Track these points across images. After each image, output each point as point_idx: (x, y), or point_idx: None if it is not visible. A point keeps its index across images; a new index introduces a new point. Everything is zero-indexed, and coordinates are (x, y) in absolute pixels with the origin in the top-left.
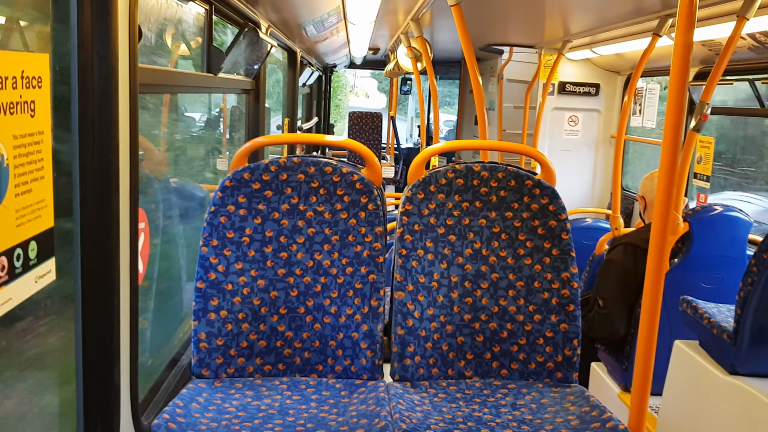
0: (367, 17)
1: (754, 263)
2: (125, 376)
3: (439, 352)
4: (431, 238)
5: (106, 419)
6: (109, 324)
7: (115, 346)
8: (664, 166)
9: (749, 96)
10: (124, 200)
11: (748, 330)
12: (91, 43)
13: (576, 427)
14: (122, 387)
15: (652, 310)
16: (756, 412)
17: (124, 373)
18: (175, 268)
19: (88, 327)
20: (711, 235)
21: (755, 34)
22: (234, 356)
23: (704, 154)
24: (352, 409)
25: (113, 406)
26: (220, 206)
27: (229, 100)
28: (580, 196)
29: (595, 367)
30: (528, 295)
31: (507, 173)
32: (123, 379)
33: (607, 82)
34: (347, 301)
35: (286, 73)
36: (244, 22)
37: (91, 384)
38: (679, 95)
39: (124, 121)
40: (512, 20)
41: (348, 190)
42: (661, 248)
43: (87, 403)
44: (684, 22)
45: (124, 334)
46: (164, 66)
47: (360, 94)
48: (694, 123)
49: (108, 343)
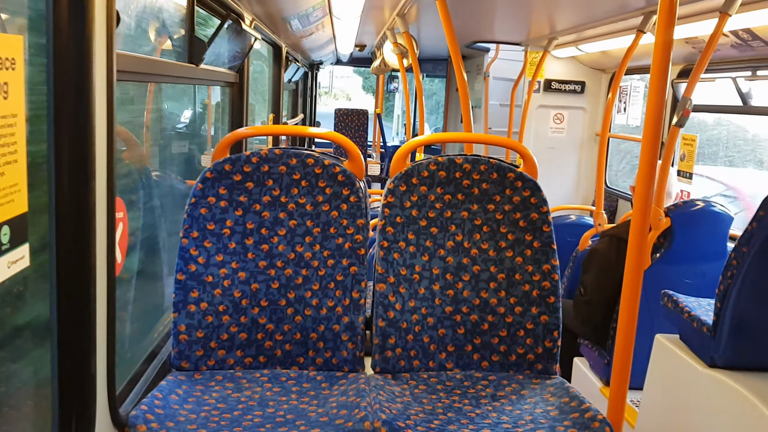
0: (353, 12)
1: (734, 257)
2: (102, 366)
3: (420, 344)
4: (413, 231)
5: (82, 410)
6: (86, 314)
7: (91, 336)
8: (645, 161)
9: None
10: (100, 188)
11: (728, 323)
12: (68, 26)
13: (555, 418)
14: (99, 378)
15: (631, 303)
16: (735, 405)
17: (101, 363)
18: (156, 260)
19: (64, 316)
20: (692, 230)
21: (738, 31)
22: (214, 348)
23: (687, 152)
24: (332, 400)
25: (89, 396)
26: (201, 198)
27: (214, 96)
28: (566, 194)
29: (578, 362)
30: (509, 288)
31: (489, 165)
32: (99, 370)
33: (593, 80)
34: (328, 293)
35: (271, 69)
36: (226, 13)
37: (67, 374)
38: (660, 91)
39: (101, 107)
40: (498, 17)
41: (330, 182)
42: (641, 243)
43: (62, 393)
44: (665, 19)
45: (101, 324)
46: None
47: (340, 96)
48: (677, 118)
49: (84, 334)
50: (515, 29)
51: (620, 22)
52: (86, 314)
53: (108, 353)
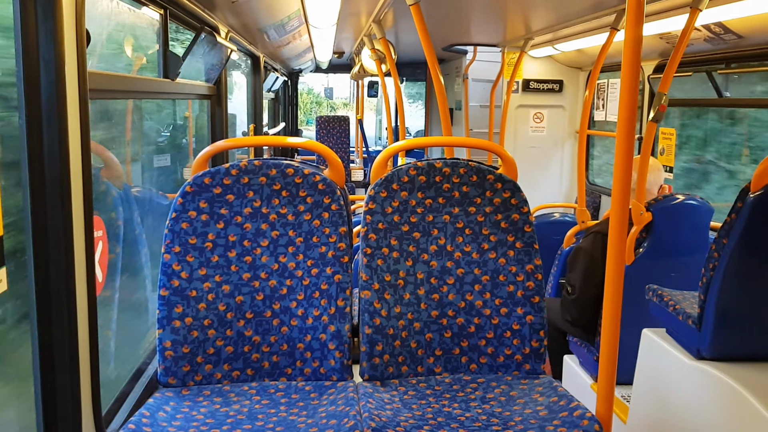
0: (329, 20)
1: (715, 249)
2: (86, 388)
3: (407, 349)
4: (396, 236)
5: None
6: (67, 335)
7: (74, 358)
8: (620, 157)
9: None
10: (77, 208)
11: (712, 315)
12: (36, 47)
13: (544, 417)
14: (83, 399)
15: (615, 299)
16: (723, 396)
17: (85, 385)
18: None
19: (45, 339)
20: (673, 224)
21: (710, 25)
22: (201, 363)
23: (666, 146)
24: (321, 410)
25: (75, 418)
26: (182, 212)
27: (194, 109)
28: (548, 192)
29: (568, 360)
30: (494, 289)
31: (468, 168)
32: (84, 391)
33: (570, 79)
34: (314, 302)
35: (249, 79)
36: (200, 26)
37: (50, 397)
38: (632, 87)
39: (74, 127)
40: (474, 19)
41: (310, 191)
42: (621, 238)
43: (46, 415)
44: (633, 15)
45: (83, 345)
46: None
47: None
48: (653, 114)
49: (66, 356)
50: (491, 31)
51: (594, 20)
52: (68, 335)
53: (92, 374)
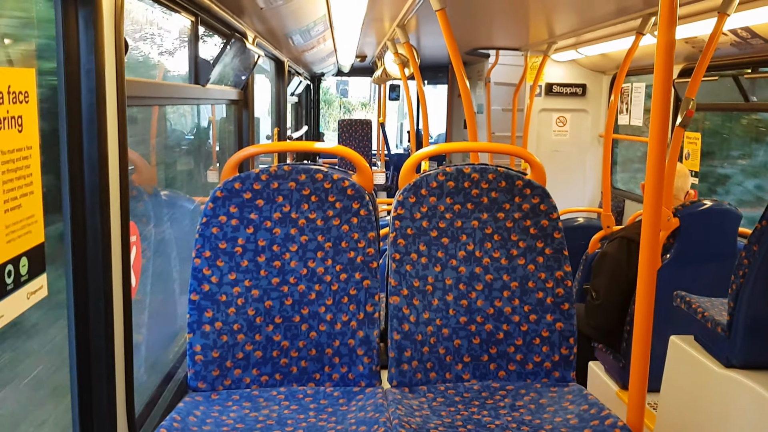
0: (353, 24)
1: (745, 255)
2: (121, 390)
3: (436, 355)
4: (424, 242)
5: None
6: (104, 339)
7: (110, 361)
8: (652, 163)
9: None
10: (114, 214)
11: (742, 322)
12: (77, 56)
13: (575, 426)
14: (118, 402)
15: (647, 306)
16: (752, 404)
17: (120, 388)
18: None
19: (82, 342)
20: (701, 230)
21: (737, 30)
22: (230, 368)
23: (692, 150)
24: (350, 416)
25: (110, 421)
26: (212, 217)
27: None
28: (571, 196)
29: (593, 366)
30: (523, 296)
31: (497, 174)
32: (119, 394)
33: (593, 82)
34: (342, 307)
35: (274, 83)
36: (230, 32)
37: (86, 400)
38: (664, 92)
39: (112, 134)
40: (497, 24)
41: (339, 197)
42: (653, 244)
43: (83, 419)
44: (666, 20)
45: (119, 348)
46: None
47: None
48: (680, 119)
49: (103, 359)
50: (514, 35)
51: (618, 24)
52: (104, 339)
53: (126, 377)
